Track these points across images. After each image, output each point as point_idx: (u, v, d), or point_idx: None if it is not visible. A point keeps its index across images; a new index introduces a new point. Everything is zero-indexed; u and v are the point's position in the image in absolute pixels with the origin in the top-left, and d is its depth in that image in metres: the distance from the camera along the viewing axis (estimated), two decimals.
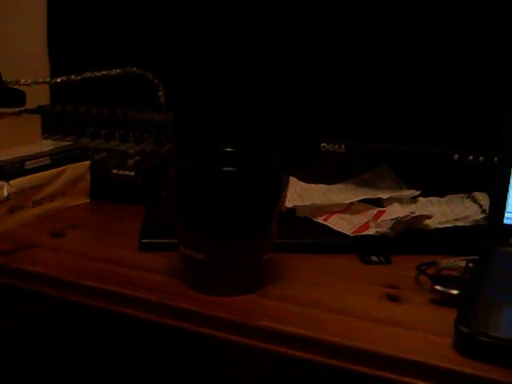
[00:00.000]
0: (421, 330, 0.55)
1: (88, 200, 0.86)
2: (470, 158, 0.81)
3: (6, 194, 0.73)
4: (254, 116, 0.92)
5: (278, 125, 0.91)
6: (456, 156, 0.82)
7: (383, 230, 0.72)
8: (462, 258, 0.66)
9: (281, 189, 0.60)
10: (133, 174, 0.86)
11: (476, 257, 0.66)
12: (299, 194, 0.82)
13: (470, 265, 0.65)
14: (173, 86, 1.06)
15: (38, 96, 1.13)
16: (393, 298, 0.61)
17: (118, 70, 1.05)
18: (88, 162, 0.86)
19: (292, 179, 0.83)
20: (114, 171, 0.86)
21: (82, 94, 1.09)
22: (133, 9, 1.11)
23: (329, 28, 0.86)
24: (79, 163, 0.85)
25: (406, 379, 0.51)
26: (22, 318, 0.80)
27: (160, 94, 1.07)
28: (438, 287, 0.60)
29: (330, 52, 0.86)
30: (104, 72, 1.04)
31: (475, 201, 0.80)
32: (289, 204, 0.75)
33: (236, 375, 0.86)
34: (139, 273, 0.64)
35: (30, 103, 1.01)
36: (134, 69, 1.06)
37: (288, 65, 0.88)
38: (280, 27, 0.88)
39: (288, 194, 0.64)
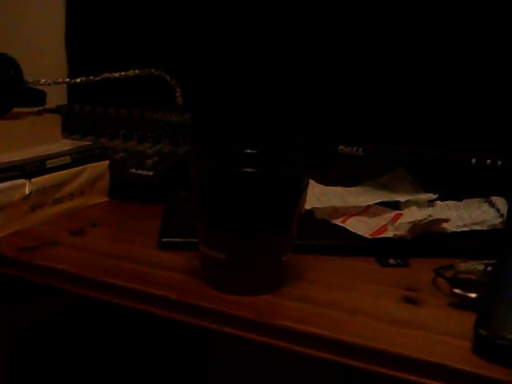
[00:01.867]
0: (440, 333, 0.55)
1: (107, 199, 0.87)
2: (488, 162, 0.81)
3: (27, 191, 0.74)
4: (272, 118, 0.93)
5: (297, 127, 0.91)
6: (474, 160, 0.82)
7: (401, 232, 0.72)
8: (480, 261, 0.67)
9: (301, 190, 0.61)
10: (151, 173, 0.86)
11: (494, 261, 0.66)
12: (317, 196, 0.82)
13: (489, 268, 0.65)
14: (190, 87, 1.07)
15: (56, 96, 1.14)
16: (411, 301, 0.61)
17: (137, 71, 1.05)
18: (107, 162, 0.87)
19: (310, 182, 0.83)
20: (133, 171, 0.87)
21: (98, 95, 1.10)
22: (151, 10, 1.12)
23: (350, 33, 0.86)
24: (98, 163, 0.86)
25: (425, 381, 0.51)
26: (44, 314, 0.81)
27: (177, 94, 1.07)
28: (457, 290, 0.60)
29: (350, 56, 0.86)
30: (122, 73, 1.05)
31: (492, 205, 0.80)
32: (307, 206, 0.75)
33: (249, 374, 0.86)
34: (158, 271, 0.64)
35: (49, 103, 1.02)
36: (152, 70, 1.06)
37: (307, 67, 0.89)
38: (300, 28, 0.89)
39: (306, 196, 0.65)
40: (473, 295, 0.59)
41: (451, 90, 0.83)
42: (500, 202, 0.80)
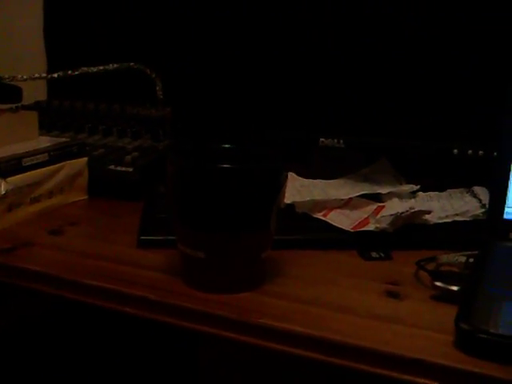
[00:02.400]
0: (421, 328, 0.55)
1: (86, 197, 0.86)
2: (470, 152, 0.81)
3: (3, 191, 0.73)
4: (252, 112, 0.92)
5: (277, 120, 0.90)
6: (455, 150, 0.81)
7: (383, 225, 0.71)
8: (462, 253, 0.66)
9: (279, 186, 0.60)
10: (131, 170, 0.85)
11: (476, 252, 0.65)
12: (298, 189, 0.81)
13: (470, 260, 0.65)
14: (170, 81, 1.05)
15: (35, 92, 1.12)
16: (393, 295, 0.61)
17: (116, 65, 1.04)
18: (86, 159, 0.86)
19: (291, 175, 0.83)
20: (112, 167, 0.86)
21: (79, 90, 1.08)
22: (130, 3, 1.10)
23: (328, 25, 0.85)
24: (77, 159, 0.85)
25: (407, 377, 0.51)
26: (22, 316, 0.80)
27: (158, 89, 1.06)
28: (438, 283, 0.60)
29: (329, 48, 0.85)
30: (101, 67, 1.03)
31: (475, 195, 0.80)
32: (288, 200, 0.75)
33: (237, 373, 0.85)
34: (138, 270, 0.64)
35: (27, 99, 1.01)
36: (132, 64, 1.05)
37: (286, 60, 0.88)
38: (279, 23, 0.88)
39: (287, 190, 0.64)
40: (454, 288, 0.59)
41: (432, 81, 0.82)
42: (482, 192, 0.80)
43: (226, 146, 0.65)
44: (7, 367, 0.77)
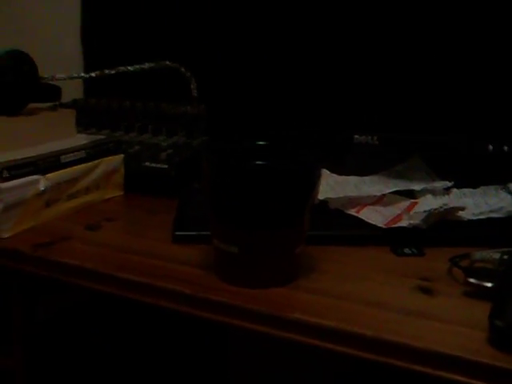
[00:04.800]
0: (454, 324, 0.54)
1: (122, 193, 0.87)
2: (505, 148, 0.80)
3: (42, 187, 0.74)
4: (287, 109, 0.92)
5: (312, 117, 0.91)
6: (490, 146, 0.81)
7: (416, 221, 0.71)
8: (497, 250, 0.66)
9: (313, 183, 0.60)
10: (166, 166, 0.87)
11: (510, 249, 0.65)
12: (332, 186, 0.81)
13: (505, 257, 0.64)
14: (205, 79, 1.06)
15: (73, 91, 1.14)
16: (426, 291, 0.61)
17: (151, 64, 1.05)
18: (122, 155, 0.87)
19: (325, 171, 0.83)
20: (147, 164, 0.87)
21: (115, 89, 1.10)
22: (165, 2, 1.12)
23: (360, 21, 0.85)
24: (113, 156, 0.86)
25: (439, 373, 0.51)
26: (60, 308, 0.82)
27: (192, 87, 1.07)
28: (472, 280, 0.59)
29: (363, 46, 0.85)
30: (137, 66, 1.05)
31: (510, 192, 0.79)
32: (321, 196, 0.75)
33: (266, 368, 0.86)
34: (172, 265, 0.65)
35: (65, 98, 1.03)
36: (167, 62, 1.06)
37: (322, 56, 0.88)
38: (311, 19, 0.88)
39: (320, 186, 0.64)
40: (488, 284, 0.59)
41: (468, 77, 0.81)
42: None
43: (261, 143, 0.66)
44: (44, 359, 0.78)
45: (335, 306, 0.57)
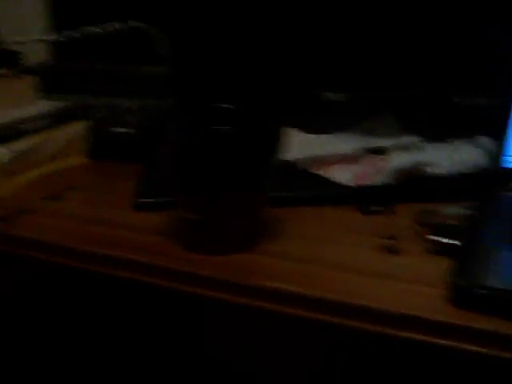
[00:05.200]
0: (416, 283, 0.54)
1: (89, 160, 0.86)
2: (471, 101, 0.80)
3: (6, 158, 0.73)
4: (254, 68, 0.91)
5: (278, 75, 0.89)
6: (456, 99, 0.80)
7: (385, 178, 0.71)
8: (463, 205, 0.65)
9: (274, 145, 0.59)
10: (133, 131, 0.85)
11: (476, 203, 0.64)
12: (299, 145, 0.80)
13: (469, 212, 0.64)
14: (174, 39, 1.04)
15: (42, 55, 1.12)
16: (390, 250, 0.60)
17: (117, 26, 1.02)
18: (87, 122, 0.86)
19: (292, 130, 0.82)
20: (114, 129, 0.86)
21: (83, 51, 1.07)
22: None
23: None
24: (78, 122, 0.85)
25: (403, 334, 0.51)
26: (17, 282, 0.81)
27: (160, 47, 1.05)
28: (434, 237, 0.59)
29: (329, 2, 0.83)
30: (106, 26, 1.02)
31: (478, 146, 0.78)
32: (288, 156, 0.74)
33: (241, 334, 0.86)
34: (135, 234, 0.64)
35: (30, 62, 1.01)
36: (135, 23, 1.03)
37: (287, 15, 0.86)
38: None
39: (287, 146, 0.63)
40: (451, 241, 0.58)
41: (432, 30, 0.80)
42: (486, 142, 0.78)
43: (225, 106, 0.64)
44: (7, 328, 0.78)
45: (300, 271, 0.57)
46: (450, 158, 0.77)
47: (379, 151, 0.79)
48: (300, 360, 0.82)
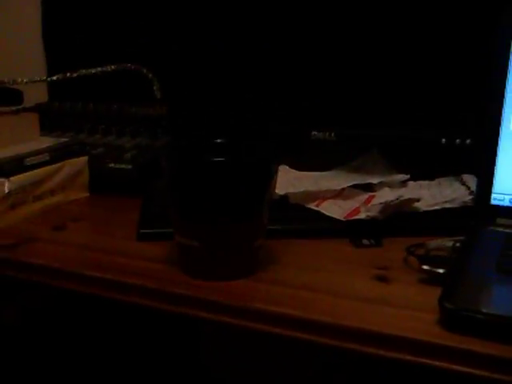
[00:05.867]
0: (408, 309, 0.57)
1: (88, 194, 0.88)
2: (458, 141, 0.83)
3: (6, 190, 0.75)
4: (246, 107, 0.94)
5: (269, 114, 0.92)
6: (443, 140, 0.83)
7: (373, 213, 0.74)
8: (450, 238, 0.68)
9: (270, 177, 0.62)
10: (130, 167, 0.88)
11: (462, 237, 0.68)
12: (291, 181, 0.83)
13: (457, 245, 0.67)
14: (167, 80, 1.08)
15: (37, 94, 1.14)
16: (382, 279, 0.63)
17: (113, 66, 1.06)
18: (86, 157, 0.88)
19: (284, 167, 0.85)
20: (112, 165, 0.89)
21: (79, 91, 1.10)
22: (126, 5, 1.12)
23: (317, 18, 0.87)
24: (77, 158, 0.87)
25: (393, 354, 0.53)
26: (27, 309, 0.82)
27: (155, 88, 1.08)
28: (425, 266, 0.62)
29: (319, 41, 0.87)
30: (99, 68, 1.06)
31: (464, 183, 0.82)
32: (281, 191, 0.77)
33: (238, 355, 0.88)
34: (137, 262, 0.66)
35: (29, 102, 1.03)
36: (129, 64, 1.07)
37: (277, 54, 0.90)
38: (271, 18, 0.90)
39: (280, 182, 0.66)
40: (441, 270, 0.61)
41: (420, 72, 0.84)
42: (471, 180, 0.82)
43: (220, 140, 0.68)
44: (12, 359, 0.79)
45: (295, 296, 0.59)
46: (436, 194, 0.80)
47: (368, 188, 0.82)
48: (294, 379, 0.83)
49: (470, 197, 0.78)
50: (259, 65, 0.92)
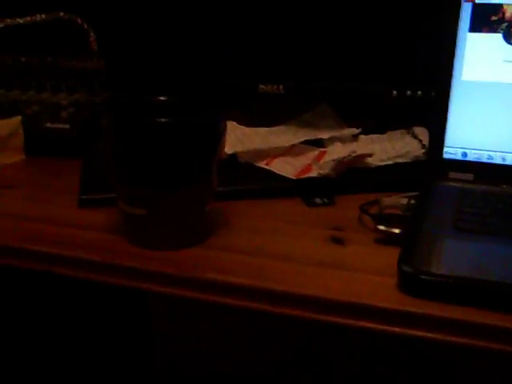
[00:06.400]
0: (365, 272, 0.55)
1: (23, 157, 0.83)
2: (408, 93, 0.81)
3: None
4: (189, 60, 0.90)
5: (215, 68, 0.89)
6: (394, 92, 0.81)
7: (325, 171, 0.71)
8: (404, 194, 0.67)
9: (218, 137, 0.59)
10: (67, 126, 0.83)
11: (417, 193, 0.66)
12: (240, 138, 0.80)
13: (412, 201, 0.65)
14: (104, 31, 1.02)
15: None
16: (337, 241, 0.61)
17: (43, 16, 1.00)
18: (19, 117, 0.83)
19: (232, 123, 0.82)
20: (48, 125, 0.84)
21: (8, 44, 1.04)
22: None
23: None
24: (10, 119, 0.82)
25: (351, 322, 0.52)
26: None
27: (91, 39, 1.02)
28: (381, 227, 0.60)
29: None
30: (28, 18, 0.99)
31: (415, 136, 0.80)
32: (230, 150, 0.74)
33: (189, 328, 0.86)
34: (79, 232, 0.62)
35: None
36: (61, 13, 1.01)
37: (221, 3, 0.86)
38: None
39: (228, 139, 0.63)
40: (397, 230, 0.60)
41: (370, 23, 0.81)
42: (422, 133, 0.80)
43: (163, 98, 0.64)
44: None
45: (248, 263, 0.57)
46: (388, 148, 0.78)
47: (319, 143, 0.79)
48: (251, 350, 0.82)
49: (423, 150, 0.77)
50: (202, 14, 0.87)
